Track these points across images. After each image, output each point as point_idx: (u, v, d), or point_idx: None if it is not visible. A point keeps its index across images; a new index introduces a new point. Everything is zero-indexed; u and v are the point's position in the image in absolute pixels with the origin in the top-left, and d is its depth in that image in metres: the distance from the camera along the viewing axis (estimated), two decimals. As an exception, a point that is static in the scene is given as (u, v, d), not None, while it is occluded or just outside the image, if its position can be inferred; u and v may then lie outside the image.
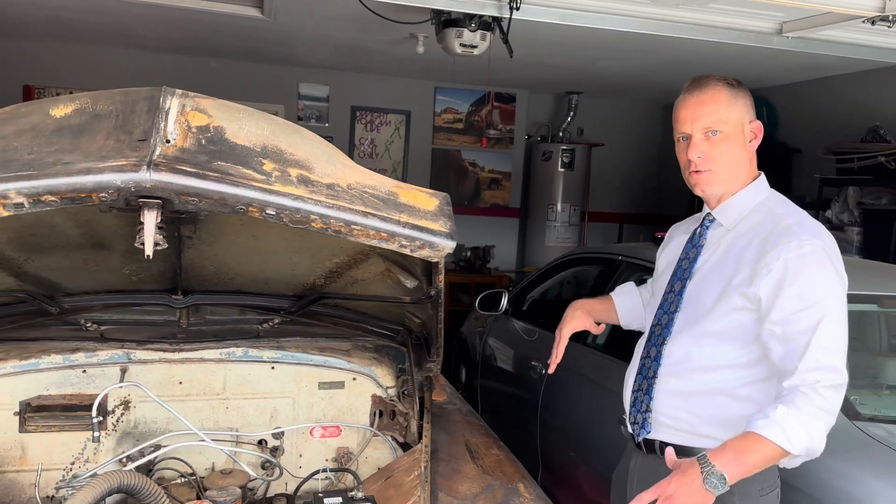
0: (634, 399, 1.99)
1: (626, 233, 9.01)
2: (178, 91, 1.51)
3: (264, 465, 2.53)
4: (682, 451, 1.85)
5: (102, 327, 2.56)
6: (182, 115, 1.43)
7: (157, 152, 1.33)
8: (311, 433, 2.62)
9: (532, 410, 3.86)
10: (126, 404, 2.44)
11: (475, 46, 4.13)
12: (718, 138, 1.84)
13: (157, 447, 2.37)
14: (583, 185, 8.38)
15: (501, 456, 2.34)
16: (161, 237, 1.41)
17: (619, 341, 3.74)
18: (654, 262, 3.43)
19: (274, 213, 1.42)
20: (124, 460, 2.29)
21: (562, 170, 8.09)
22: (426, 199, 1.65)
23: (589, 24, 3.37)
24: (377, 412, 2.65)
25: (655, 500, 1.67)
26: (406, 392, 2.64)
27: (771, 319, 1.72)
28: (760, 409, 1.68)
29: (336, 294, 2.49)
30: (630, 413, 2.02)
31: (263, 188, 1.39)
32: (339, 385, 2.65)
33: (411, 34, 5.64)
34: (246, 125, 1.51)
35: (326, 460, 2.63)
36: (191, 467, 2.41)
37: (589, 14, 3.32)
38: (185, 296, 2.47)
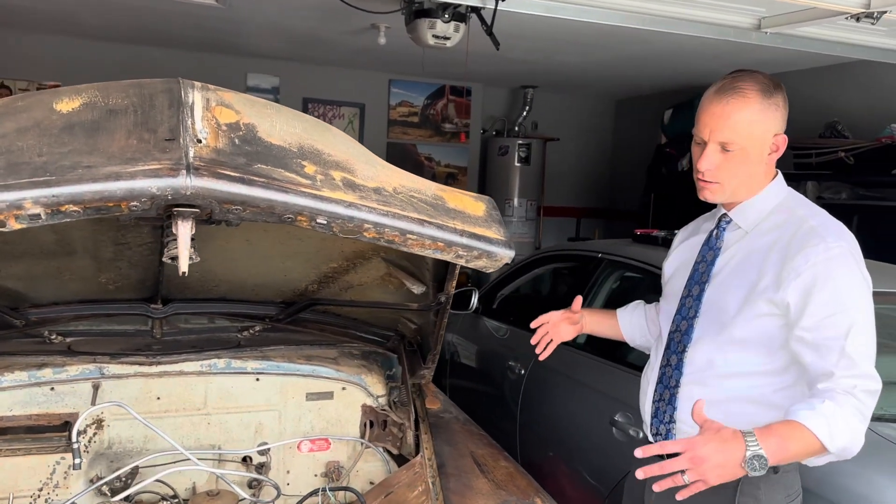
0: (656, 409, 1.90)
1: (583, 227, 9.04)
2: (197, 83, 1.33)
3: (251, 484, 2.37)
4: None
5: (69, 339, 2.35)
6: (208, 111, 1.26)
7: (192, 154, 1.16)
8: (298, 447, 2.48)
9: (510, 410, 3.78)
10: (99, 423, 2.25)
11: (448, 38, 4.00)
12: (733, 154, 1.74)
13: (136, 469, 2.19)
14: (539, 180, 8.36)
15: (511, 468, 2.24)
16: (194, 250, 1.24)
17: (602, 340, 3.70)
18: (635, 260, 3.44)
19: (325, 222, 1.27)
20: (104, 488, 2.09)
21: (518, 164, 8.05)
22: (473, 204, 1.52)
23: (573, 17, 3.29)
24: (368, 423, 2.52)
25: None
26: (399, 401, 2.52)
27: (801, 325, 1.65)
28: (803, 400, 1.61)
29: (330, 300, 2.34)
30: (652, 424, 1.92)
31: (313, 194, 1.23)
32: (328, 395, 2.50)
33: (373, 24, 5.48)
34: (277, 123, 1.35)
35: (315, 476, 2.50)
36: (172, 489, 2.23)
37: (574, 7, 3.24)
38: (165, 304, 2.28)
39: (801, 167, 5.60)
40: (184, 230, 1.19)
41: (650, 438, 1.94)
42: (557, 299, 5.22)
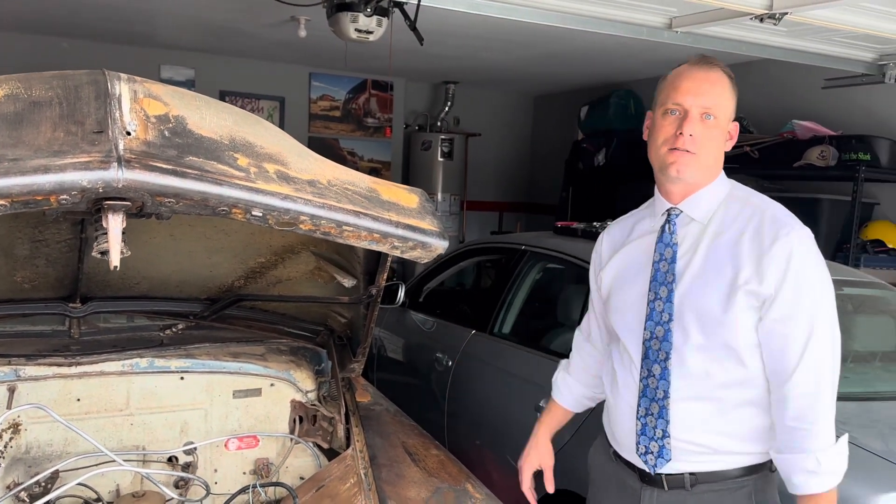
0: (643, 426, 1.73)
1: (505, 221, 9.18)
2: (123, 75, 1.30)
3: (177, 484, 2.33)
4: (708, 478, 1.71)
5: (-22, 341, 2.25)
6: (136, 103, 1.24)
7: (122, 146, 1.14)
8: (226, 446, 2.45)
9: (437, 401, 3.83)
10: (16, 427, 2.16)
11: (371, 32, 3.99)
12: (712, 124, 1.67)
13: (57, 473, 2.12)
14: (461, 175, 8.45)
15: (442, 456, 2.27)
16: (124, 244, 1.21)
17: (524, 328, 3.79)
18: (556, 251, 3.54)
19: (261, 214, 1.26)
20: (22, 494, 2.02)
21: (441, 159, 8.11)
22: (406, 196, 1.54)
23: (495, 14, 3.36)
24: (297, 418, 2.51)
25: None
26: (329, 395, 2.52)
27: (772, 317, 1.62)
28: (795, 469, 1.60)
29: (257, 296, 2.32)
30: (639, 443, 1.75)
31: (248, 187, 1.23)
32: (256, 392, 2.48)
33: (292, 17, 5.40)
34: (206, 115, 1.33)
35: (244, 474, 2.48)
36: (96, 492, 2.17)
37: (496, 4, 3.30)
38: (84, 303, 2.21)
39: (710, 161, 5.84)
40: (115, 224, 1.16)
41: (637, 461, 1.77)
42: (482, 291, 5.29)
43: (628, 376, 1.78)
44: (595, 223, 3.61)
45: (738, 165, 5.52)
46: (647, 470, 1.74)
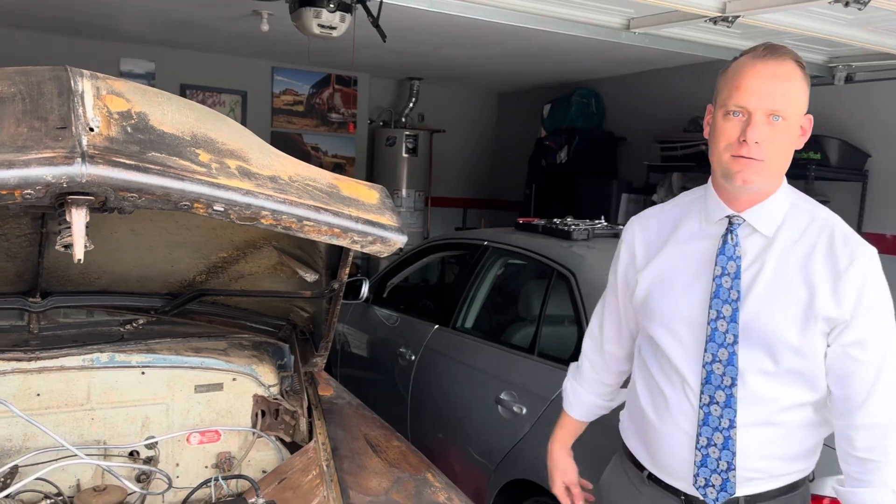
0: (704, 458, 1.59)
1: (469, 217, 9.24)
2: (86, 71, 1.32)
3: (139, 478, 2.34)
4: (760, 498, 1.63)
5: (-67, 337, 2.22)
6: (99, 100, 1.26)
7: (85, 142, 1.16)
8: (187, 440, 2.46)
9: (401, 395, 3.87)
10: None
11: (334, 28, 4.01)
12: (780, 126, 1.49)
13: (16, 469, 2.11)
14: (426, 171, 8.49)
15: (403, 447, 2.32)
16: (88, 238, 1.23)
17: (486, 323, 3.85)
18: (518, 247, 3.61)
19: (222, 209, 1.29)
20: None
21: (406, 155, 8.14)
22: (367, 192, 1.57)
23: (456, 12, 3.40)
24: (260, 412, 2.53)
25: None
26: (292, 389, 2.54)
27: (844, 342, 1.51)
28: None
29: (219, 290, 2.33)
30: (699, 475, 1.61)
31: (210, 182, 1.26)
32: (218, 387, 2.50)
33: (254, 11, 5.38)
34: (168, 111, 1.36)
35: (206, 467, 2.49)
36: (56, 487, 2.17)
37: (457, 3, 3.35)
38: (44, 298, 2.20)
39: (667, 159, 5.99)
40: (78, 218, 1.18)
41: (693, 491, 1.64)
42: (446, 286, 5.35)
43: (683, 400, 1.62)
44: (556, 220, 3.68)
45: (695, 164, 5.67)
46: (707, 502, 1.62)
